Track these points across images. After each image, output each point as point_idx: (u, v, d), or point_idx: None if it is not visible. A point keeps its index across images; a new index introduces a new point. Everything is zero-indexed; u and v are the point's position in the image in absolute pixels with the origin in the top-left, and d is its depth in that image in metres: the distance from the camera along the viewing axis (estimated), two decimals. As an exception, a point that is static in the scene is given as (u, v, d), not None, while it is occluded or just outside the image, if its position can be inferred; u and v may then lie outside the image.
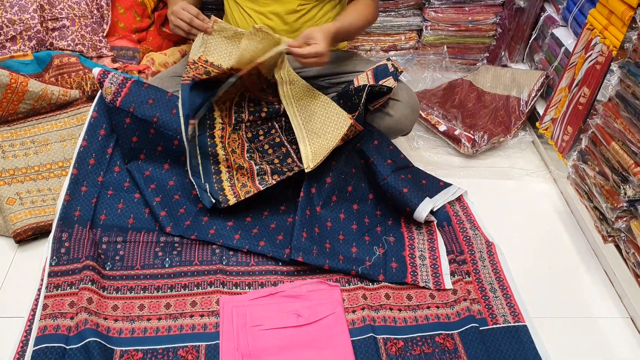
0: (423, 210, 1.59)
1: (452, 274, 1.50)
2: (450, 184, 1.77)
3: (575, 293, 1.54)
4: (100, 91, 1.63)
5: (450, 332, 1.36)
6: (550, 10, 2.24)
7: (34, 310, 1.33)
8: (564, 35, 2.09)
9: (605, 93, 1.64)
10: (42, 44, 1.89)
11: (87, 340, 1.22)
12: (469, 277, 1.51)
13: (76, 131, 1.73)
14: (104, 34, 2.04)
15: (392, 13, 2.29)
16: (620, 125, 1.48)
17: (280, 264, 1.51)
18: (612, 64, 1.58)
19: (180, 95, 1.61)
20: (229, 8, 1.81)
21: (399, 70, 1.71)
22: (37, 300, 1.35)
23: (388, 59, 1.74)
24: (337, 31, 1.62)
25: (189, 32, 1.68)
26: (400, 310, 1.41)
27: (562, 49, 2.06)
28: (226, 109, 1.70)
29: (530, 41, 2.35)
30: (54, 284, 1.36)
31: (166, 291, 1.41)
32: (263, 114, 1.73)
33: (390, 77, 1.67)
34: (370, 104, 1.68)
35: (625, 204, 1.48)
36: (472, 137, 2.01)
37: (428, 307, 1.43)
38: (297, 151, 1.66)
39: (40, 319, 1.28)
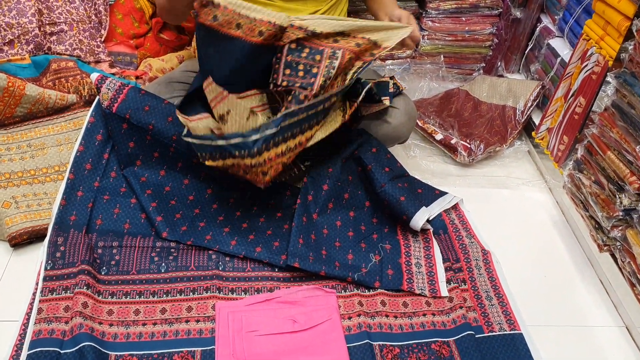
0: (419, 219, 1.59)
1: (448, 281, 1.50)
2: (446, 193, 1.78)
3: (570, 301, 1.54)
4: (97, 96, 1.63)
5: (446, 339, 1.36)
6: (546, 20, 2.25)
7: (28, 314, 1.32)
8: (560, 45, 2.10)
9: (600, 103, 1.65)
10: (40, 48, 1.89)
11: (81, 345, 1.21)
12: (465, 284, 1.51)
13: (73, 136, 1.73)
14: (102, 39, 2.04)
15: (390, 22, 2.30)
16: (616, 135, 1.49)
17: (276, 270, 1.51)
18: (608, 74, 1.59)
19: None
20: None
21: (400, 89, 1.72)
22: (31, 304, 1.34)
23: (392, 77, 1.73)
24: None
25: None
26: (396, 317, 1.41)
27: (558, 60, 2.07)
28: None
29: (526, 51, 2.37)
30: (49, 288, 1.35)
31: (162, 296, 1.40)
32: None
33: (388, 97, 1.67)
34: (363, 105, 1.66)
35: (620, 213, 1.49)
36: (469, 146, 2.01)
37: (424, 315, 1.43)
38: None
39: (35, 323, 1.27)
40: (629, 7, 1.52)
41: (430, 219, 1.67)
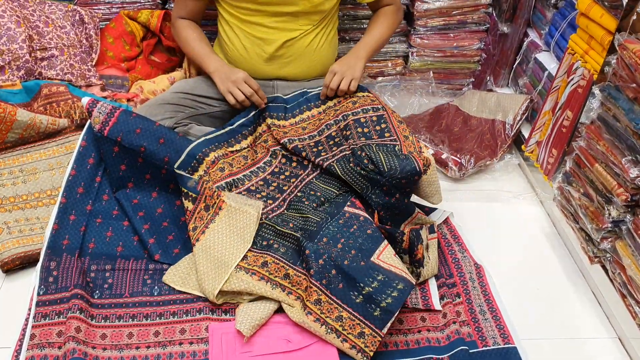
0: None
1: (442, 297, 1.51)
2: (436, 208, 1.78)
3: (563, 314, 1.55)
4: (89, 120, 1.64)
5: (440, 356, 1.36)
6: (533, 35, 2.28)
7: (21, 340, 1.32)
8: (547, 59, 2.13)
9: (587, 116, 1.66)
10: (31, 73, 1.90)
11: (74, 370, 1.21)
12: (460, 298, 1.51)
13: (65, 160, 1.73)
14: (93, 63, 2.05)
15: (378, 40, 2.32)
16: (603, 147, 1.50)
17: (269, 289, 1.51)
18: (593, 87, 1.61)
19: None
20: (223, 31, 1.83)
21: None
22: (24, 330, 1.34)
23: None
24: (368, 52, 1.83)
25: (242, 102, 1.74)
26: (391, 334, 1.41)
27: (546, 73, 2.09)
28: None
29: (514, 66, 2.39)
30: (41, 313, 1.35)
31: (155, 319, 1.40)
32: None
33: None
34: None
35: (609, 225, 1.50)
36: (459, 160, 2.03)
37: (419, 331, 1.43)
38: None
39: (28, 349, 1.27)
40: (610, 22, 1.54)
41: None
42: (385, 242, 1.48)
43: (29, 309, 1.38)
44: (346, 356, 1.33)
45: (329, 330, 1.34)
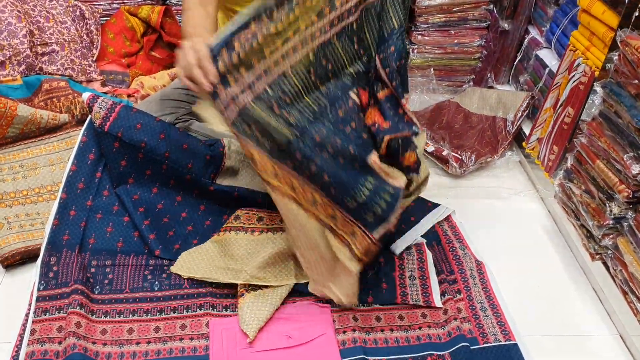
0: (398, 247, 1.61)
1: (443, 293, 1.51)
2: (438, 204, 1.78)
3: (564, 311, 1.55)
4: (89, 116, 1.63)
5: (441, 352, 1.36)
6: (534, 32, 2.28)
7: (21, 335, 1.31)
8: (548, 56, 2.12)
9: (589, 112, 1.66)
10: (31, 68, 1.90)
11: (75, 365, 1.21)
12: (460, 294, 1.51)
13: (65, 155, 1.73)
14: (94, 59, 2.05)
15: (379, 36, 2.32)
16: (605, 144, 1.50)
17: (270, 285, 1.51)
18: (594, 84, 1.61)
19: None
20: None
21: None
22: (24, 325, 1.33)
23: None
24: None
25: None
26: (392, 330, 1.41)
27: (547, 70, 2.09)
28: None
29: (515, 63, 2.39)
30: (42, 308, 1.35)
31: (155, 314, 1.40)
32: None
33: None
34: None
35: (611, 222, 1.50)
36: (460, 157, 2.02)
37: (420, 327, 1.43)
38: None
39: (28, 345, 1.26)
40: (612, 19, 1.54)
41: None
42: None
43: (29, 304, 1.38)
44: (347, 352, 1.33)
45: (322, 225, 1.36)
